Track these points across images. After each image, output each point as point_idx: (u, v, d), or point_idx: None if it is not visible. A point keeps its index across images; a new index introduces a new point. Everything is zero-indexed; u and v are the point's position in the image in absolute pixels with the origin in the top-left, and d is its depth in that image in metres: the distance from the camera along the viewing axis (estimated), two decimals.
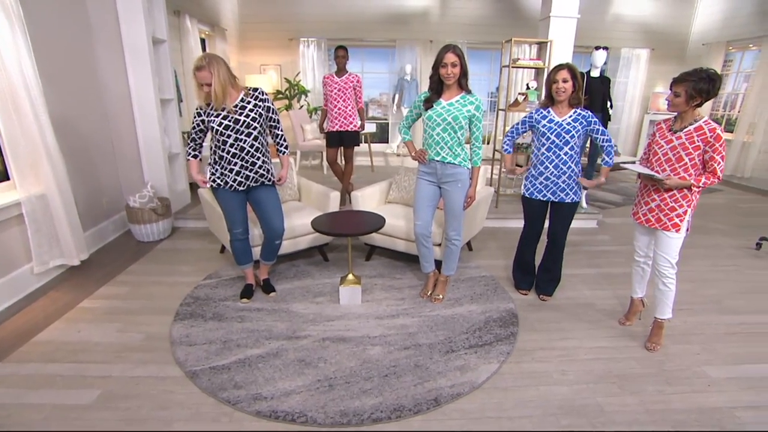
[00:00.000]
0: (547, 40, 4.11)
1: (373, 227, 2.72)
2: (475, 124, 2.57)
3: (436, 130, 2.55)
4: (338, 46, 4.32)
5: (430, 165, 2.65)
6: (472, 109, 2.51)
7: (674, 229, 2.28)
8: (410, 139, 2.83)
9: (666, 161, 2.25)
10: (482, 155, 2.68)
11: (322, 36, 7.81)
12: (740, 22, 7.07)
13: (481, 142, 2.64)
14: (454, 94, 2.54)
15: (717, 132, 2.11)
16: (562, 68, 2.54)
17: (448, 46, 2.43)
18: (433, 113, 2.53)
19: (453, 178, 2.63)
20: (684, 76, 2.12)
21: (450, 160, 2.59)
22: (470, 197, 2.70)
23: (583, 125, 2.60)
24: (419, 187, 2.75)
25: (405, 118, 2.80)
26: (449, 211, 2.73)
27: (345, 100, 4.38)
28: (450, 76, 2.44)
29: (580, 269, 3.52)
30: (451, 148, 2.58)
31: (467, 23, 7.88)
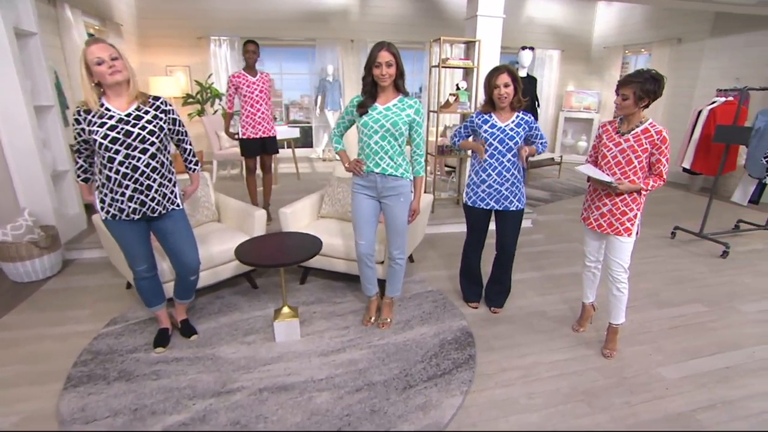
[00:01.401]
0: (476, 39, 4.02)
1: (309, 252, 2.37)
2: (416, 129, 2.31)
3: (374, 138, 2.26)
4: (248, 41, 3.84)
5: (367, 178, 2.36)
6: (411, 113, 2.26)
7: (626, 234, 2.22)
8: (343, 149, 2.51)
9: (615, 164, 2.18)
10: (424, 164, 2.45)
11: (235, 34, 7.18)
12: (632, 28, 7.69)
13: (422, 149, 2.39)
14: (390, 97, 2.27)
15: (663, 134, 2.07)
16: (500, 72, 2.37)
17: (381, 44, 2.15)
18: (369, 119, 2.24)
19: (395, 191, 2.36)
20: (629, 78, 2.05)
21: (391, 171, 2.32)
22: (414, 211, 2.46)
23: (526, 130, 2.47)
24: (357, 203, 2.45)
25: (336, 126, 2.47)
26: (392, 227, 2.45)
27: (266, 102, 3.95)
28: (385, 77, 2.16)
29: (525, 273, 3.45)
30: (392, 158, 2.31)
31: (389, 22, 7.72)
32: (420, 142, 2.35)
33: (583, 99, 8.34)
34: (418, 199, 2.45)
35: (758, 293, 3.23)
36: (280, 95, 8.81)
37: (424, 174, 2.44)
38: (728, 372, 2.32)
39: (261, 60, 8.69)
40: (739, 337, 2.65)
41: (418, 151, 2.37)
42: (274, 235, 2.63)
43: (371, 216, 2.45)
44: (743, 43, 6.15)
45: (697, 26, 6.58)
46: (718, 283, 3.38)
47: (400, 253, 2.50)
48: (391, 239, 2.49)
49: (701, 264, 3.74)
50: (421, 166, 2.41)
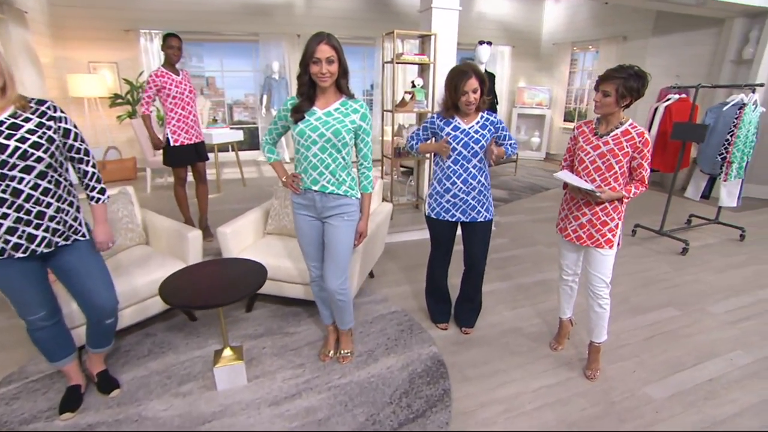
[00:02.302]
0: (431, 32, 3.75)
1: (250, 286, 1.96)
2: (362, 138, 1.95)
3: (312, 150, 1.89)
4: (169, 34, 3.30)
5: (305, 196, 2.00)
6: (357, 118, 1.90)
7: (608, 246, 2.02)
8: (278, 159, 2.12)
9: (594, 170, 1.97)
10: (373, 178, 2.11)
11: (169, 28, 6.49)
12: (580, 26, 7.78)
13: (370, 161, 2.03)
14: (331, 100, 1.90)
15: (645, 136, 1.88)
16: (468, 76, 2.08)
17: (320, 35, 1.76)
18: (306, 127, 1.86)
19: (337, 211, 2.00)
20: (611, 73, 1.84)
21: (333, 189, 1.95)
22: (361, 233, 2.13)
23: (492, 132, 2.22)
24: (299, 225, 2.09)
25: (268, 132, 2.08)
26: (331, 253, 2.04)
27: (195, 103, 3.48)
28: (325, 76, 1.78)
29: (493, 283, 3.23)
30: (334, 174, 1.94)
31: (337, 16, 7.34)
32: (367, 153, 2.02)
33: (535, 95, 8.37)
34: (366, 219, 2.11)
35: (722, 291, 3.20)
36: (222, 94, 8.21)
37: (372, 190, 2.11)
38: (713, 386, 2.19)
39: (199, 56, 8.01)
40: (714, 344, 2.55)
41: (365, 164, 2.04)
42: (209, 264, 2.21)
43: (318, 237, 2.10)
44: (682, 42, 6.34)
45: (640, 24, 6.72)
46: (683, 283, 3.32)
47: (342, 284, 2.11)
48: (329, 268, 2.06)
49: (664, 263, 3.70)
50: (370, 181, 2.07)
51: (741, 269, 3.61)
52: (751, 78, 5.58)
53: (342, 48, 1.83)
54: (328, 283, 2.09)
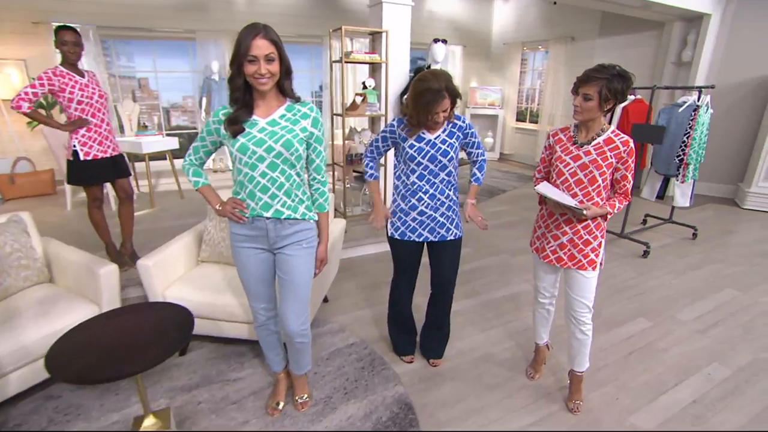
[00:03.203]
0: (382, 29, 3.45)
1: (171, 345, 1.53)
2: (315, 148, 1.64)
3: (260, 169, 1.55)
4: (61, 27, 2.69)
5: (254, 225, 1.64)
6: (308, 125, 1.59)
7: (591, 267, 1.81)
8: (206, 184, 1.73)
9: (576, 183, 1.75)
10: (329, 194, 1.79)
11: (90, 22, 5.81)
12: (529, 26, 7.80)
13: (324, 174, 1.73)
14: (274, 105, 1.57)
15: (630, 145, 1.67)
16: (441, 97, 1.75)
17: (254, 28, 1.42)
18: (249, 141, 1.51)
19: (295, 238, 1.67)
20: (592, 74, 1.61)
21: (289, 214, 1.63)
22: (321, 260, 1.81)
23: (460, 138, 1.96)
24: (243, 262, 1.72)
25: (193, 150, 1.68)
26: (290, 289, 1.71)
27: (108, 111, 2.96)
28: (264, 77, 1.45)
29: (459, 301, 2.98)
30: (289, 194, 1.62)
31: (281, 12, 6.89)
32: (320, 165, 1.70)
33: (487, 95, 8.32)
34: (325, 243, 1.80)
35: (686, 296, 3.14)
36: (157, 97, 7.51)
37: (329, 208, 1.80)
38: (698, 408, 2.05)
39: (129, 55, 7.25)
40: (690, 357, 2.44)
41: (319, 178, 1.72)
42: (119, 313, 1.77)
43: (264, 273, 1.75)
44: (627, 43, 6.47)
45: (587, 25, 6.80)
46: (650, 289, 3.24)
47: (303, 323, 1.78)
48: (288, 307, 1.73)
49: (628, 267, 3.62)
50: (326, 198, 1.76)
51: (698, 270, 3.60)
52: (691, 80, 5.75)
53: (282, 42, 1.49)
54: (289, 325, 1.75)
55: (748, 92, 5.59)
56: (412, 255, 2.10)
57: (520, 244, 4.07)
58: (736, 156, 5.78)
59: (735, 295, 3.16)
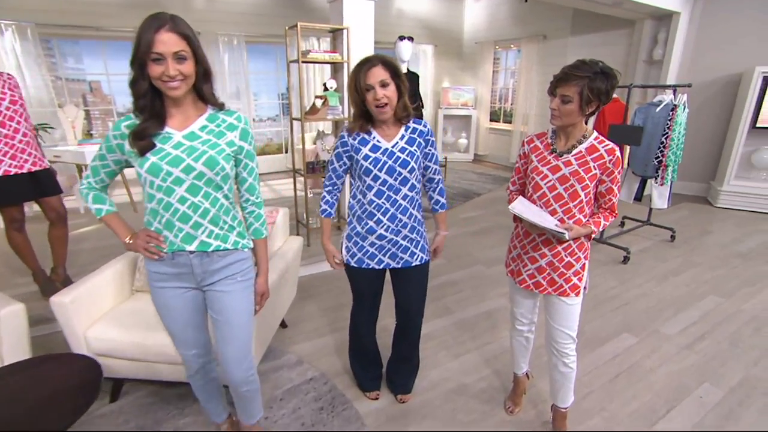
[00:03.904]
0: (343, 26, 3.18)
1: (66, 417, 1.24)
2: (245, 164, 1.37)
3: (177, 194, 1.25)
4: None
5: (174, 261, 1.35)
6: (235, 138, 1.30)
7: (573, 293, 1.58)
8: (111, 211, 1.40)
9: (555, 198, 1.51)
10: (265, 216, 1.51)
11: (29, 19, 5.33)
12: (501, 24, 7.66)
13: (259, 194, 1.46)
14: (192, 114, 1.28)
15: (616, 154, 1.45)
16: (372, 64, 1.53)
17: (157, 18, 1.13)
18: (161, 160, 1.22)
19: (227, 272, 1.39)
20: (571, 72, 1.38)
21: (218, 245, 1.35)
22: (261, 294, 1.53)
23: (421, 146, 1.70)
24: (166, 303, 1.41)
25: (91, 171, 1.36)
26: (227, 332, 1.43)
27: (26, 118, 2.58)
28: (175, 81, 1.16)
29: (430, 321, 2.74)
30: (216, 222, 1.33)
31: (243, 11, 6.52)
32: (254, 184, 1.42)
33: (460, 95, 8.14)
34: (265, 274, 1.52)
35: (670, 305, 2.98)
36: (111, 101, 7.03)
37: (267, 233, 1.52)
38: None
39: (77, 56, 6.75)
40: (680, 377, 2.25)
41: (252, 199, 1.44)
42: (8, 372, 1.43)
43: (195, 314, 1.45)
44: (599, 41, 6.39)
45: (559, 24, 6.69)
46: (632, 299, 3.07)
47: (248, 369, 1.50)
48: (228, 353, 1.44)
49: (609, 275, 3.45)
50: (263, 222, 1.48)
51: (679, 275, 3.46)
52: (662, 78, 5.69)
53: (196, 35, 1.20)
54: (231, 374, 1.47)
55: (718, 90, 5.56)
56: (372, 284, 1.83)
57: (494, 253, 3.86)
58: (707, 154, 5.75)
59: (718, 303, 3.02)
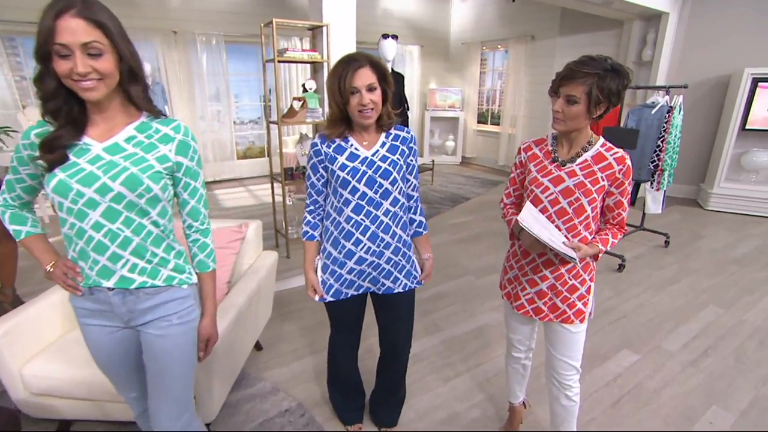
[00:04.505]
0: (322, 23, 2.98)
1: None
2: (186, 184, 1.14)
3: (91, 219, 1.02)
4: None
5: (94, 297, 1.11)
6: (169, 152, 1.07)
7: (578, 320, 1.40)
8: (36, 233, 1.16)
9: (558, 213, 1.33)
10: (213, 245, 1.25)
11: None
12: (488, 24, 7.52)
13: (205, 220, 1.21)
14: (119, 122, 1.05)
15: (627, 163, 1.27)
16: (360, 64, 1.32)
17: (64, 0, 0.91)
18: (71, 178, 0.99)
19: (159, 313, 1.15)
20: (577, 69, 1.20)
21: (144, 281, 1.11)
22: (206, 339, 1.26)
23: (405, 154, 1.50)
24: (91, 340, 1.19)
25: (6, 186, 1.12)
26: (159, 382, 1.19)
27: None
28: (86, 81, 0.93)
29: (418, 340, 2.54)
30: (141, 253, 1.09)
31: (223, 9, 6.27)
32: (199, 208, 1.18)
33: (447, 97, 7.99)
34: (212, 315, 1.26)
35: (670, 317, 2.84)
36: None
37: (215, 265, 1.26)
38: None
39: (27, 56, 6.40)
40: (686, 400, 2.09)
41: (196, 225, 1.20)
42: None
43: (128, 355, 1.22)
44: (588, 42, 6.29)
45: (547, 24, 6.58)
46: (631, 311, 2.91)
47: (186, 424, 1.25)
48: (157, 406, 1.21)
49: (604, 284, 3.30)
50: (208, 253, 1.23)
51: (676, 284, 3.33)
52: (652, 79, 5.61)
53: (120, 25, 0.98)
54: (160, 428, 1.22)
55: (706, 92, 5.49)
56: (352, 312, 1.62)
57: (484, 261, 3.68)
58: (697, 156, 5.67)
59: (719, 314, 2.88)
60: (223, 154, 6.74)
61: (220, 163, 6.70)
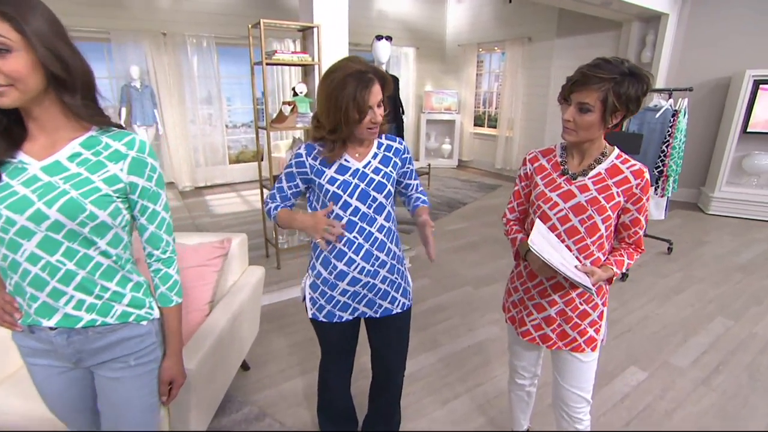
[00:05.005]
0: (313, 24, 2.84)
1: None
2: (143, 207, 0.98)
3: (24, 250, 0.87)
4: None
5: (34, 334, 0.97)
6: (120, 171, 0.92)
7: (590, 348, 1.27)
8: None
9: (568, 233, 1.20)
10: (178, 275, 1.09)
11: None
12: (484, 26, 7.42)
13: (168, 248, 1.05)
14: (62, 137, 0.90)
15: (645, 177, 1.14)
16: (372, 81, 1.18)
17: None
18: (1, 203, 0.85)
19: (116, 353, 1.01)
20: (592, 72, 1.07)
21: (93, 319, 0.96)
22: (169, 382, 1.10)
23: (397, 166, 1.37)
24: (37, 381, 1.05)
25: None
26: (114, 428, 1.06)
27: None
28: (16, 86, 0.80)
29: (414, 357, 2.41)
30: (87, 289, 0.94)
31: (212, 11, 6.13)
32: (159, 234, 1.03)
33: (443, 99, 7.87)
34: (176, 354, 1.10)
35: (677, 330, 2.72)
36: None
37: (181, 299, 1.09)
38: None
39: None
40: (700, 422, 1.97)
41: (157, 254, 1.05)
42: None
43: (82, 397, 1.08)
44: (586, 44, 6.20)
45: (544, 25, 6.48)
46: (635, 323, 2.79)
47: None
48: None
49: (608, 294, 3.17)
50: (171, 285, 1.07)
51: (682, 294, 3.21)
52: (652, 82, 5.51)
53: (53, 23, 0.83)
54: None
55: (707, 94, 5.40)
56: (345, 337, 1.48)
57: (483, 270, 3.55)
58: (697, 159, 5.57)
59: (728, 326, 2.77)
60: (215, 158, 6.59)
61: (212, 168, 6.55)
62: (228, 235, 2.01)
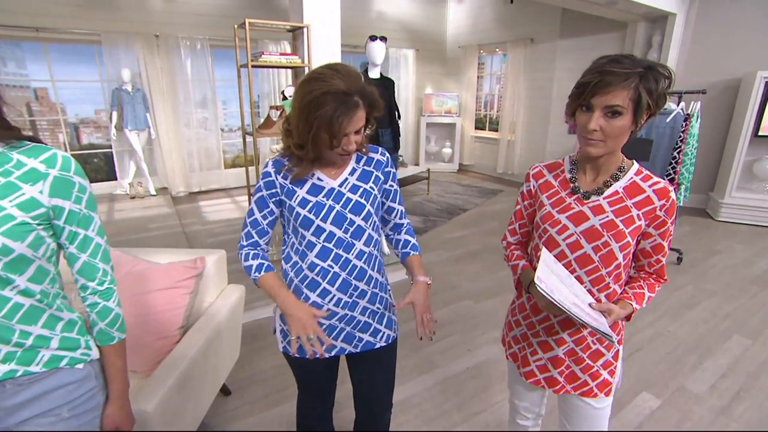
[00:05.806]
0: (303, 24, 2.68)
1: None
2: (71, 234, 0.83)
3: None
4: None
5: None
6: (38, 193, 0.76)
7: (602, 393, 1.09)
8: None
9: (579, 261, 1.02)
10: (120, 311, 0.93)
11: None
12: (485, 27, 7.25)
13: (105, 279, 0.89)
14: None
15: (671, 197, 0.97)
16: (357, 106, 1.01)
17: None
18: None
19: (44, 406, 0.83)
20: (615, 69, 0.89)
21: (14, 369, 0.80)
22: (114, 428, 0.95)
23: (380, 181, 1.20)
24: None
25: None
26: None
27: None
28: None
29: (408, 382, 2.23)
30: (5, 336, 0.77)
31: (206, 13, 6.00)
32: (93, 264, 0.87)
33: (444, 102, 7.71)
34: (120, 398, 0.95)
35: (691, 350, 2.53)
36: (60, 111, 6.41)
37: (125, 335, 0.94)
38: None
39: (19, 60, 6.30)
40: None
41: (92, 286, 0.88)
42: None
43: None
44: (589, 45, 6.03)
45: (546, 26, 6.31)
46: (646, 342, 2.61)
47: None
48: None
49: None
50: (112, 321, 0.91)
51: (694, 309, 3.02)
52: None
53: None
54: None
55: (715, 96, 5.21)
56: (322, 375, 1.31)
57: (483, 283, 3.37)
58: (706, 164, 5.38)
59: (746, 346, 2.58)
60: (210, 163, 6.44)
61: (207, 173, 6.40)
62: (203, 252, 1.84)
